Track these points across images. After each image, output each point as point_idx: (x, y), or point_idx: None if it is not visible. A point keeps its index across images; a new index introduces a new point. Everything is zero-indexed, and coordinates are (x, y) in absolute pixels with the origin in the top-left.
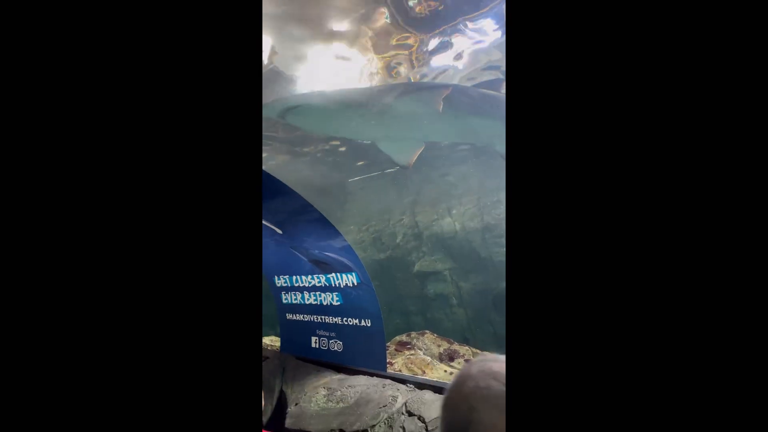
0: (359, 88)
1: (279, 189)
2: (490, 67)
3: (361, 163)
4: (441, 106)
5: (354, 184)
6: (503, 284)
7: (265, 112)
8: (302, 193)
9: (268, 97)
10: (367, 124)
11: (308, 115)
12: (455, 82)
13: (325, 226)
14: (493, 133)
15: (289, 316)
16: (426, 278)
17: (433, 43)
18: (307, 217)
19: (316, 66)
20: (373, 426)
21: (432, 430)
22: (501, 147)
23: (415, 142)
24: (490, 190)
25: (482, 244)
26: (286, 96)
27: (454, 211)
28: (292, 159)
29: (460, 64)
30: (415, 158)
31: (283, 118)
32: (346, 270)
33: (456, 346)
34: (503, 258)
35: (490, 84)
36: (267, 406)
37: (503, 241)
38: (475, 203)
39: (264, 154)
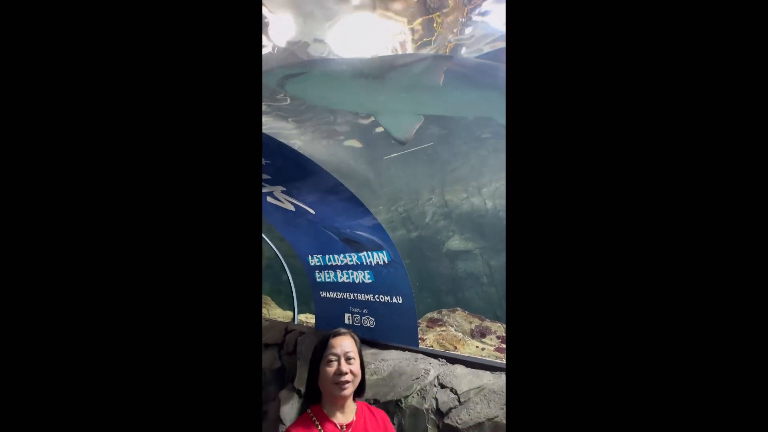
0: (363, 58)
1: (311, 169)
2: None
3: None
4: (442, 79)
5: (382, 164)
6: None
7: (264, 80)
8: (332, 172)
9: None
10: (368, 97)
11: (308, 84)
12: (465, 52)
13: (355, 205)
14: (493, 105)
15: (323, 294)
16: (456, 257)
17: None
18: (338, 197)
19: (341, 34)
20: (407, 397)
21: (464, 401)
22: (502, 119)
23: (413, 116)
24: None
25: None
26: (287, 63)
27: (484, 189)
28: (321, 137)
29: (476, 34)
30: (413, 133)
31: (282, 87)
32: (377, 248)
33: (488, 323)
34: None
35: (494, 55)
36: (304, 377)
37: None
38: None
39: (292, 133)
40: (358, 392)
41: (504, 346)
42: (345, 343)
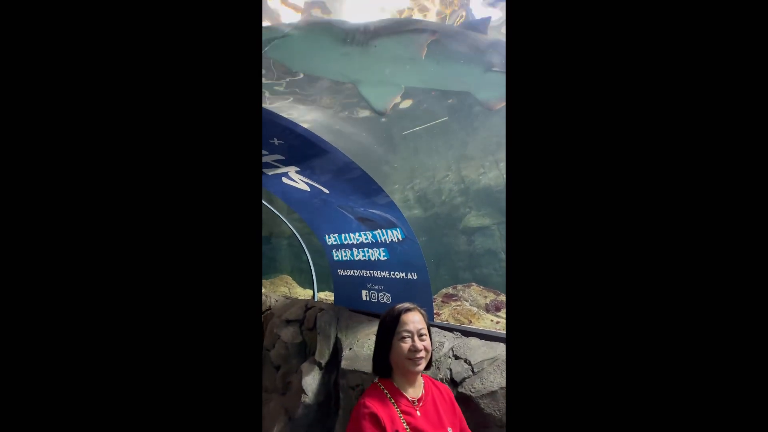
0: (347, 22)
1: (322, 147)
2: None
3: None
4: (425, 52)
5: (396, 141)
6: None
7: None
8: (346, 151)
9: None
10: (349, 65)
11: (288, 48)
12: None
13: (367, 183)
14: (472, 80)
15: (340, 272)
16: (473, 233)
17: None
18: (350, 175)
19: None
20: None
21: (478, 372)
22: (479, 94)
23: (394, 87)
24: None
25: None
26: (275, 25)
27: (501, 164)
28: (332, 116)
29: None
30: (392, 104)
31: (263, 51)
32: (391, 226)
33: (503, 297)
34: None
35: (477, 24)
36: (324, 350)
37: None
38: None
39: (302, 111)
40: (425, 366)
41: None
42: (416, 319)
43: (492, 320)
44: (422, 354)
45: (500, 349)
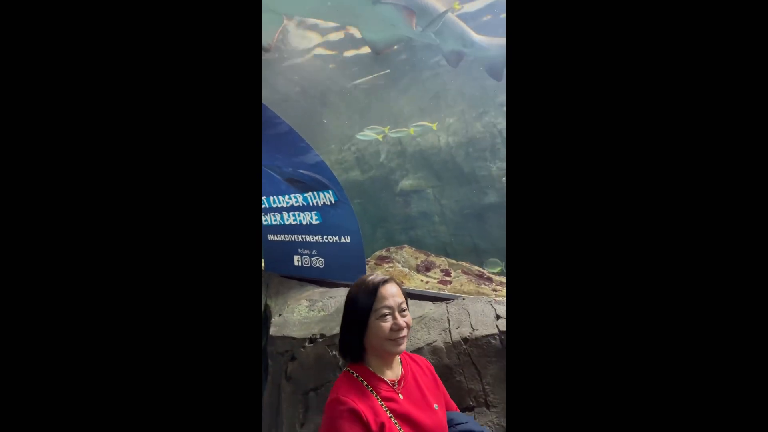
0: None
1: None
2: None
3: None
4: None
5: (330, 100)
6: (485, 198)
7: None
8: (276, 107)
9: None
10: None
11: None
12: None
13: (295, 140)
14: (358, 12)
15: (270, 237)
16: (409, 196)
17: None
18: (274, 131)
19: None
20: None
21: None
22: (366, 33)
23: (273, 16)
24: (475, 101)
25: (465, 158)
26: None
27: (437, 124)
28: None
29: None
30: (276, 38)
31: None
32: (323, 188)
33: (432, 258)
34: (486, 172)
35: None
36: None
37: (487, 155)
38: (459, 116)
39: None
40: None
41: (447, 278)
42: (395, 292)
43: (422, 280)
44: (405, 333)
45: (428, 307)
